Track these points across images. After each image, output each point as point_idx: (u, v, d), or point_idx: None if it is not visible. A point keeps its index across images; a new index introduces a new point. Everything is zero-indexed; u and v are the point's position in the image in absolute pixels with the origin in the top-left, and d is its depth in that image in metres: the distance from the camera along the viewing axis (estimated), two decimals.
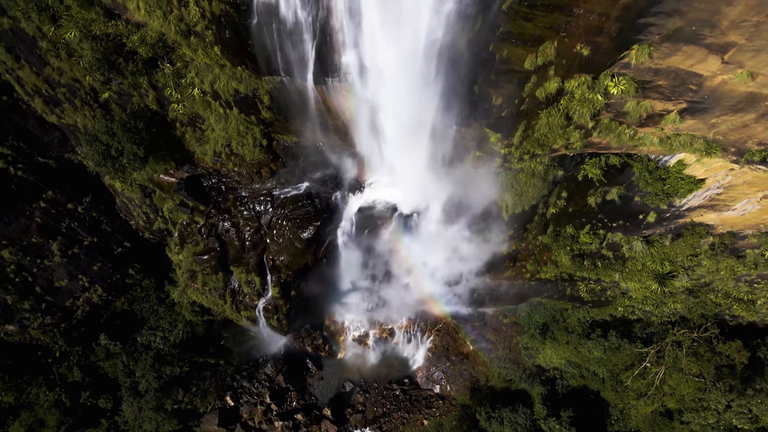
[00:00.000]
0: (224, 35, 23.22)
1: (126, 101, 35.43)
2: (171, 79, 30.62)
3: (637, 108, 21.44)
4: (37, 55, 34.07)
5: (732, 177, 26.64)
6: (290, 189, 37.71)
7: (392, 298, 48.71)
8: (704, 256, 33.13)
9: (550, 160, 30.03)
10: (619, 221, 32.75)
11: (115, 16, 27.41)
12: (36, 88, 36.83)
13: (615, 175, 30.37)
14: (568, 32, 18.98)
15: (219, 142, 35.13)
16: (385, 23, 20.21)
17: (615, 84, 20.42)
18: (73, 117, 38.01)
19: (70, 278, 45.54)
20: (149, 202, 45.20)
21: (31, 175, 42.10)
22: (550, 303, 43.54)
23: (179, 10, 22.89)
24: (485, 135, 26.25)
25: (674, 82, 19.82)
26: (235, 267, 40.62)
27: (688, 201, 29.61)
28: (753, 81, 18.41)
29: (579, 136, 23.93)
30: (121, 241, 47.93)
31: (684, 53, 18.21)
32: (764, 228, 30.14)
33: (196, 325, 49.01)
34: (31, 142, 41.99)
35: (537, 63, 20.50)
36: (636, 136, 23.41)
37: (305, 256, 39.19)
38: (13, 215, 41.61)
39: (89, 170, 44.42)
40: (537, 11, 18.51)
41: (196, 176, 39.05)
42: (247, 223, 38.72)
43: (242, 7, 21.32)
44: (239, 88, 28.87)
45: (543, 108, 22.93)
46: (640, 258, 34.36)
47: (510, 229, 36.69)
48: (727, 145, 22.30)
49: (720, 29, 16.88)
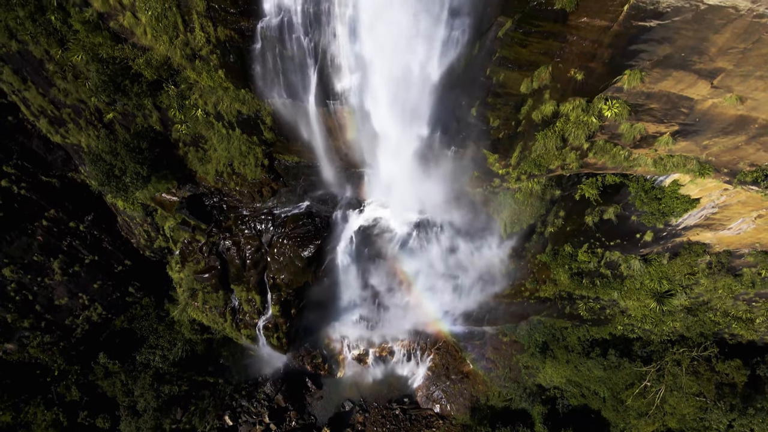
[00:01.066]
0: (228, 59, 23.89)
1: (130, 121, 36.00)
2: (175, 100, 31.23)
3: (630, 130, 21.98)
4: (44, 76, 34.69)
5: (726, 197, 27.05)
6: (291, 208, 38.11)
7: (392, 317, 48.71)
8: (702, 274, 33.35)
9: (548, 180, 30.51)
10: (617, 240, 33.06)
11: (121, 40, 28.11)
12: (42, 108, 37.40)
13: (611, 194, 30.79)
14: (562, 58, 19.62)
15: (221, 161, 35.62)
16: (385, 50, 20.84)
17: (609, 107, 20.97)
18: (78, 137, 38.52)
19: (71, 296, 45.58)
20: (150, 221, 45.52)
21: (35, 194, 42.45)
22: (549, 321, 43.60)
23: (185, 35, 23.58)
24: (483, 156, 26.78)
25: (666, 105, 20.38)
26: (236, 285, 40.77)
27: (684, 220, 29.95)
28: (742, 104, 18.96)
29: (575, 157, 24.44)
30: (122, 260, 48.07)
31: (674, 78, 18.80)
32: (760, 247, 30.44)
33: (195, 343, 48.90)
34: (35, 161, 42.44)
35: (533, 87, 21.11)
36: (631, 157, 23.91)
37: (305, 275, 39.38)
38: (15, 234, 41.85)
39: (92, 189, 44.83)
40: (532, 38, 19.18)
41: (198, 195, 39.46)
42: (248, 242, 39.02)
43: (247, 33, 21.99)
44: (242, 109, 29.48)
45: (539, 130, 23.48)
46: (638, 276, 34.59)
47: (508, 248, 36.98)
48: (720, 166, 22.77)
49: (708, 56, 17.49)
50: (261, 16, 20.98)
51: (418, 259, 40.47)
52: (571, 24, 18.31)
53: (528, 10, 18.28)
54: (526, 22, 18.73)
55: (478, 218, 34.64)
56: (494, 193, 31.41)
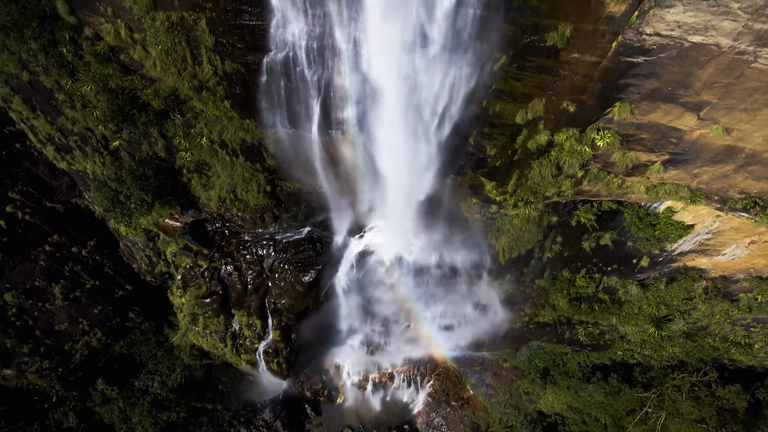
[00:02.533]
0: (234, 91, 24.80)
1: (135, 149, 36.78)
2: (181, 128, 32.07)
3: (623, 159, 22.72)
4: (53, 105, 35.61)
5: (720, 223, 27.63)
6: (292, 233, 38.61)
7: (392, 342, 48.66)
8: (699, 300, 33.68)
9: (544, 207, 31.13)
10: (614, 265, 33.50)
11: (130, 71, 29.07)
12: (49, 136, 38.23)
13: (607, 220, 31.38)
14: (555, 91, 20.51)
15: (224, 188, 36.28)
16: (385, 83, 21.78)
17: (601, 137, 21.77)
18: (83, 163, 39.24)
19: (71, 322, 45.59)
20: (152, 246, 45.91)
21: (38, 220, 42.92)
22: (549, 347, 43.61)
23: (193, 68, 24.52)
24: (481, 183, 27.49)
25: (656, 135, 21.17)
26: (237, 310, 40.95)
27: (679, 246, 30.47)
28: (728, 135, 19.74)
29: (570, 184, 25.14)
30: (123, 285, 48.26)
31: (662, 110, 19.62)
32: (755, 272, 30.86)
33: (194, 369, 48.66)
34: (40, 187, 43.09)
35: (527, 118, 21.96)
36: (624, 185, 24.60)
37: (306, 300, 39.62)
38: (18, 259, 42.19)
39: (95, 214, 45.38)
40: (525, 72, 20.10)
41: (200, 221, 40.01)
42: (249, 267, 39.38)
43: (253, 66, 22.94)
44: (246, 137, 30.30)
45: (535, 158, 24.25)
46: (636, 302, 34.90)
47: (507, 273, 37.36)
48: (711, 193, 23.44)
49: (694, 89, 18.34)
50: (267, 50, 21.95)
51: (418, 284, 40.78)
52: (563, 59, 19.24)
53: (521, 46, 19.23)
54: (520, 57, 19.68)
55: (477, 244, 35.12)
56: (492, 219, 32.00)
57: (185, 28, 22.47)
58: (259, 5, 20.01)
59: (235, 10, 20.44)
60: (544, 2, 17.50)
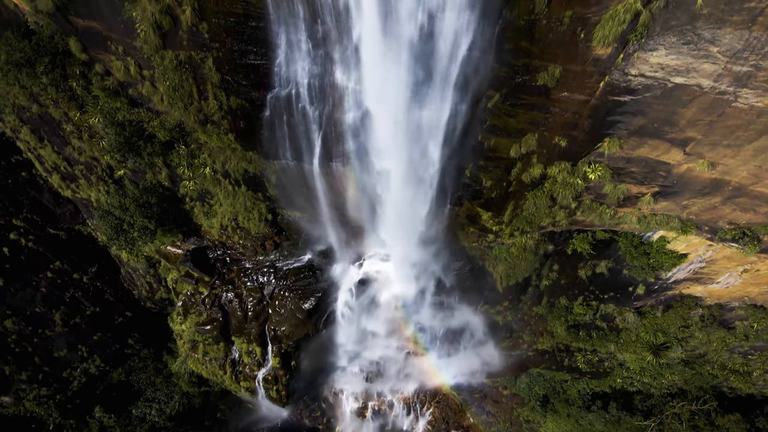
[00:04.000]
0: (239, 125, 25.68)
1: (140, 178, 37.52)
2: (185, 159, 32.89)
3: (614, 191, 23.44)
4: (60, 136, 36.45)
5: (712, 252, 28.16)
6: (293, 261, 39.09)
7: (392, 369, 48.52)
8: (695, 327, 33.94)
9: (540, 236, 31.73)
10: (610, 293, 33.87)
11: (138, 104, 30.04)
12: (55, 165, 38.99)
13: (602, 249, 31.93)
14: (547, 127, 21.37)
15: (226, 216, 36.92)
16: (385, 117, 22.69)
17: (592, 170, 22.53)
18: (88, 192, 39.90)
19: (70, 348, 45.61)
20: (153, 272, 46.27)
21: (41, 246, 43.39)
22: (549, 374, 43.54)
23: (199, 102, 25.45)
24: (477, 213, 28.16)
25: (645, 168, 21.92)
26: (237, 337, 41.09)
27: (674, 274, 30.92)
28: (714, 169, 20.47)
29: (564, 215, 25.81)
30: (123, 311, 48.45)
31: (650, 146, 20.42)
32: (749, 300, 31.24)
33: (192, 396, 48.43)
34: (44, 214, 43.67)
35: (521, 152, 22.79)
36: (616, 216, 25.26)
37: (306, 327, 39.82)
38: (20, 285, 42.49)
39: (98, 241, 45.87)
40: (518, 109, 20.99)
41: (202, 248, 40.52)
42: (250, 294, 39.72)
43: (257, 102, 23.87)
44: (248, 168, 31.10)
45: (529, 190, 24.98)
46: (634, 329, 35.13)
47: (505, 300, 37.68)
48: (701, 224, 24.06)
49: (679, 126, 19.16)
50: (271, 87, 22.91)
51: (417, 311, 41.03)
52: (553, 98, 20.14)
53: (514, 85, 20.16)
54: (513, 95, 20.60)
55: (475, 272, 35.56)
56: (489, 247, 32.55)
57: (193, 66, 23.47)
58: (264, 46, 21.01)
59: (241, 51, 21.44)
60: (535, 45, 18.45)
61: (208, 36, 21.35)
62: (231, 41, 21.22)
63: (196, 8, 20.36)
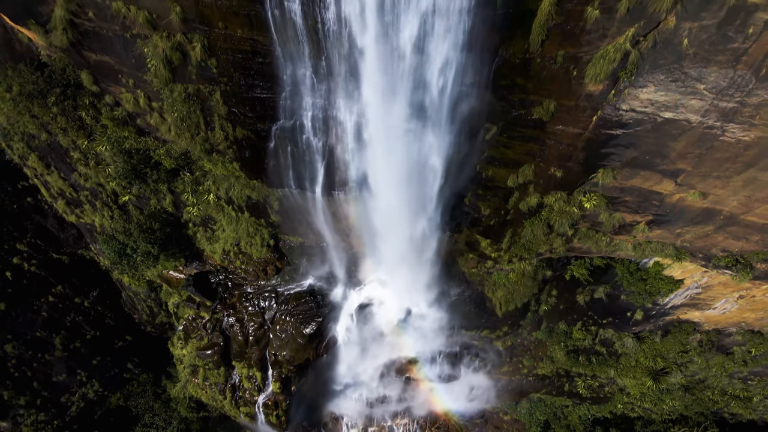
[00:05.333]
0: (244, 154, 26.42)
1: (144, 203, 38.10)
2: (190, 186, 33.55)
3: (609, 219, 24.06)
4: (67, 163, 37.13)
5: (708, 278, 28.63)
6: (294, 285, 39.43)
7: (392, 394, 48.28)
8: (694, 352, 34.15)
9: (538, 262, 32.20)
10: (609, 318, 34.18)
11: (145, 133, 30.85)
12: (61, 191, 39.57)
13: (600, 275, 32.38)
14: (543, 158, 22.11)
15: (229, 241, 37.40)
16: (386, 147, 23.43)
17: (588, 199, 23.18)
18: (92, 217, 40.38)
19: (69, 373, 45.44)
20: (154, 297, 46.48)
21: (44, 271, 43.65)
22: (550, 399, 43.43)
23: (206, 133, 26.23)
24: (477, 240, 28.72)
25: (639, 198, 22.58)
26: (237, 362, 41.09)
27: (671, 300, 31.31)
28: (705, 199, 21.13)
29: (561, 242, 26.37)
30: (123, 335, 48.43)
31: (642, 177, 21.12)
32: (746, 326, 31.56)
33: (191, 422, 48.07)
34: (47, 239, 44.05)
35: (518, 181, 23.49)
36: (612, 243, 25.82)
37: (307, 351, 39.89)
38: (21, 310, 42.58)
39: (100, 265, 46.19)
40: (515, 141, 21.77)
41: (204, 273, 40.87)
42: (251, 319, 39.92)
43: (262, 133, 24.64)
44: (252, 195, 31.75)
45: (527, 218, 25.61)
46: (633, 354, 35.32)
47: (505, 325, 37.90)
48: (695, 251, 24.61)
49: (669, 158, 19.89)
50: (276, 119, 23.69)
51: (417, 336, 41.15)
52: (549, 130, 20.93)
53: (510, 118, 20.97)
54: (509, 128, 21.40)
55: (475, 297, 35.88)
56: (489, 273, 32.98)
57: (200, 99, 24.30)
58: (270, 81, 21.85)
59: (248, 85, 22.29)
60: (530, 81, 19.30)
61: (216, 71, 22.21)
62: (238, 76, 22.07)
63: (206, 45, 21.23)
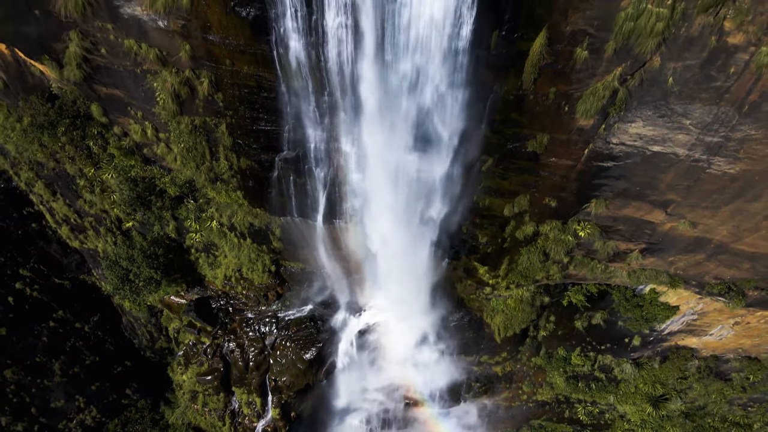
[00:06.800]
0: (247, 184, 27.18)
1: (147, 229, 38.68)
2: (193, 213, 34.21)
3: (604, 247, 24.67)
4: (73, 190, 37.84)
5: (703, 305, 29.08)
6: (294, 311, 39.73)
7: (392, 420, 47.97)
8: (693, 379, 34.27)
9: (536, 288, 32.63)
10: (607, 344, 34.43)
11: (151, 162, 31.67)
12: (66, 217, 40.20)
13: (597, 301, 32.79)
14: (538, 188, 22.87)
15: (230, 267, 37.86)
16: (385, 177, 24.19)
17: (582, 228, 23.84)
18: (95, 242, 40.95)
19: (67, 398, 45.22)
20: (154, 321, 46.62)
21: (45, 296, 43.85)
22: (550, 426, 43.18)
23: (211, 162, 27.03)
24: (474, 267, 29.26)
25: (631, 227, 23.24)
26: (237, 388, 41.08)
27: (668, 326, 31.66)
28: (696, 228, 21.79)
29: (557, 269, 26.92)
30: (122, 360, 48.32)
31: (633, 206, 21.83)
32: (743, 352, 31.81)
33: None
34: (50, 264, 44.41)
35: (514, 211, 24.21)
36: (607, 270, 26.38)
37: (307, 377, 39.94)
38: (21, 335, 42.67)
39: (102, 290, 46.47)
40: (510, 173, 22.56)
41: (205, 298, 41.19)
42: (251, 344, 40.09)
43: (266, 163, 25.44)
44: (254, 222, 32.39)
45: (523, 246, 26.22)
46: (632, 380, 35.41)
47: (504, 351, 38.07)
48: (688, 278, 25.14)
49: (659, 189, 20.62)
50: (279, 150, 24.50)
51: (417, 362, 41.23)
52: (542, 162, 21.71)
53: (505, 151, 21.78)
54: (505, 160, 22.20)
55: (473, 323, 36.17)
56: (487, 299, 33.39)
57: (206, 130, 25.16)
58: (274, 114, 22.72)
59: (252, 118, 23.15)
60: (523, 116, 20.15)
61: (222, 104, 23.09)
62: (244, 109, 22.95)
63: (213, 80, 22.17)
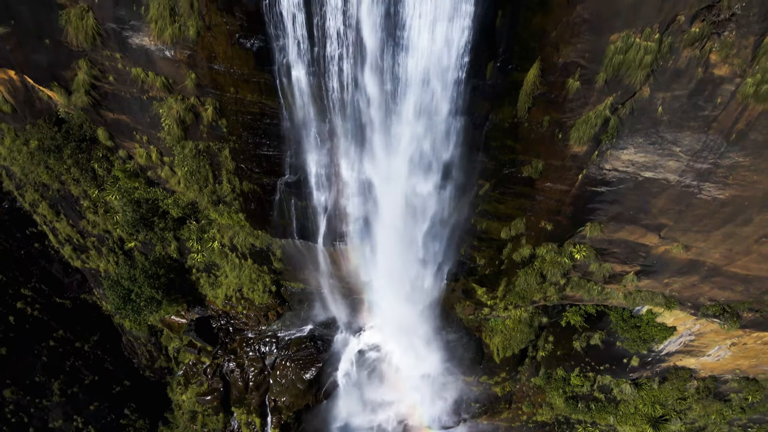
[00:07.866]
0: (249, 206, 27.71)
1: (149, 250, 39.10)
2: (195, 234, 34.69)
3: (600, 269, 25.08)
4: (77, 210, 38.38)
5: (700, 325, 29.32)
6: (294, 331, 39.92)
7: None
8: (692, 399, 34.31)
9: (534, 309, 32.94)
10: (606, 364, 34.55)
11: (154, 184, 32.25)
12: (68, 237, 40.63)
13: (595, 321, 33.04)
14: (534, 212, 23.40)
15: (231, 287, 38.18)
16: (385, 201, 24.76)
17: (578, 250, 24.29)
18: (97, 262, 41.30)
19: (65, 419, 45.06)
20: (154, 341, 46.71)
21: (46, 315, 44.03)
22: None
23: (213, 186, 27.61)
24: (473, 288, 29.65)
25: (626, 249, 23.69)
26: (237, 408, 41.02)
27: (666, 347, 31.84)
28: (689, 251, 22.24)
29: (554, 291, 27.31)
30: (122, 380, 48.27)
31: (627, 230, 22.33)
32: (741, 373, 31.94)
33: None
34: (52, 283, 44.69)
35: (511, 234, 24.70)
36: (604, 291, 26.75)
37: (307, 397, 39.93)
38: (21, 354, 42.75)
39: (102, 310, 46.67)
40: (507, 197, 23.12)
41: (206, 317, 41.40)
42: (252, 364, 40.17)
43: (268, 187, 25.99)
44: (255, 243, 32.82)
45: (520, 268, 26.65)
46: (632, 401, 35.45)
47: (503, 371, 38.17)
48: (683, 300, 25.50)
49: (652, 214, 21.13)
50: (281, 174, 25.09)
51: (416, 382, 41.26)
52: (538, 187, 22.27)
53: (502, 176, 22.37)
54: (501, 185, 22.77)
55: (472, 343, 36.38)
56: (486, 319, 33.67)
57: (210, 155, 25.79)
58: (276, 139, 23.35)
59: (255, 143, 23.78)
60: (519, 143, 20.77)
61: (226, 130, 23.75)
62: (247, 135, 23.59)
63: (217, 107, 22.84)
